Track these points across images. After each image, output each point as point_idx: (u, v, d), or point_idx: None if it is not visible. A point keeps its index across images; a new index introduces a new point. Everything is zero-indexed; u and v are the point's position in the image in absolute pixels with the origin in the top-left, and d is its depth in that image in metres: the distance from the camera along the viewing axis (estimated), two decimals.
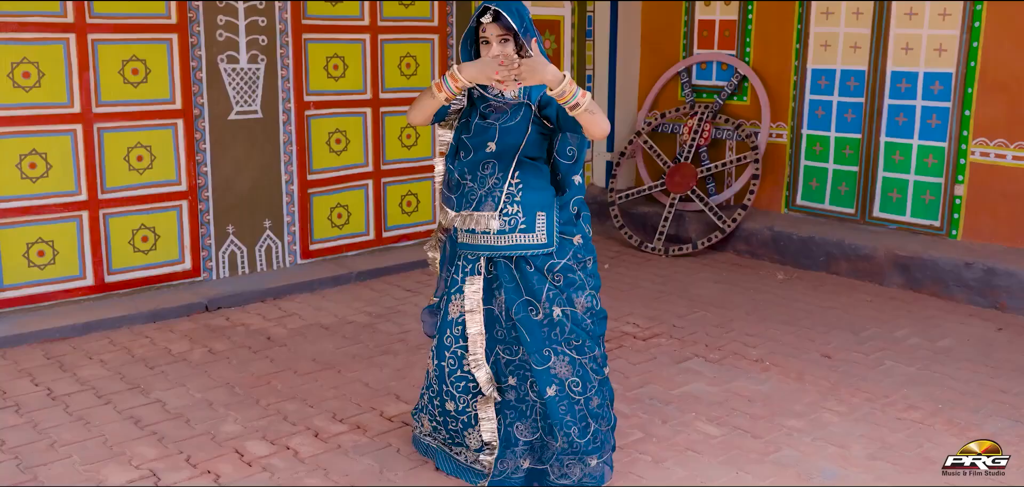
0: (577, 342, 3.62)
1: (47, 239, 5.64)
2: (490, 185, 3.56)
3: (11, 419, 4.41)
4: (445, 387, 3.77)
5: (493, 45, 3.43)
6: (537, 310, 3.57)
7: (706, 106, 7.91)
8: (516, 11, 3.42)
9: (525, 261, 3.57)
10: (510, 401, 3.74)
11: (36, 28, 5.43)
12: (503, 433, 3.75)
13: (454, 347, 3.72)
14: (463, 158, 3.63)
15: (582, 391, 3.65)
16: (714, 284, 6.74)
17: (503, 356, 3.70)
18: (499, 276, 3.61)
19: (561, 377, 3.61)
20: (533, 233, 3.55)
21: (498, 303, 3.66)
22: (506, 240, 3.56)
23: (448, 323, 3.73)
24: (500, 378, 3.73)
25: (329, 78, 6.63)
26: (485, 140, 3.55)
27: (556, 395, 3.61)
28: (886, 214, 7.19)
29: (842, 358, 5.30)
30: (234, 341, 5.46)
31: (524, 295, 3.57)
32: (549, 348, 3.59)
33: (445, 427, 3.87)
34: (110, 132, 5.77)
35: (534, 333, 3.58)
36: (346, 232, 6.93)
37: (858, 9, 7.17)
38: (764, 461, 4.08)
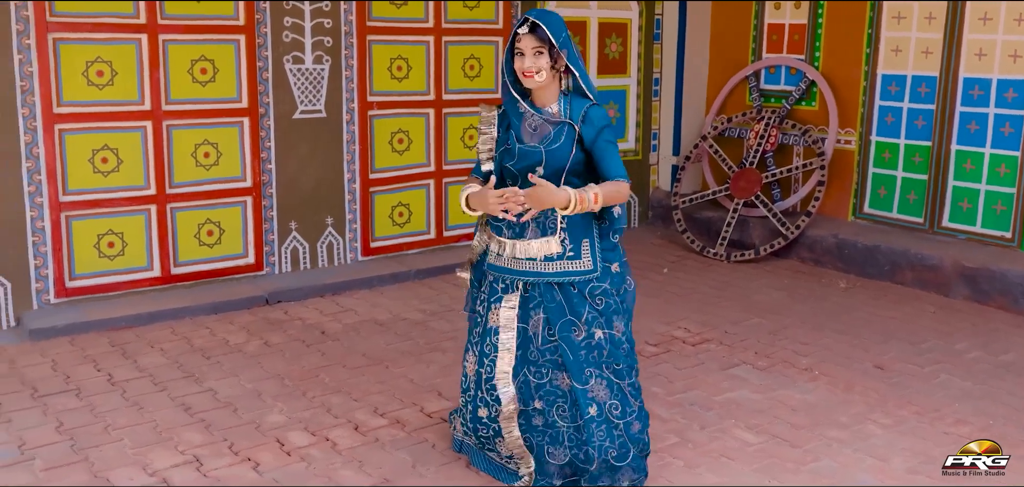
0: (617, 366, 3.67)
1: (117, 231, 5.88)
2: (545, 214, 3.61)
3: (71, 402, 4.62)
4: (481, 393, 3.83)
5: (527, 57, 3.50)
6: (578, 330, 3.61)
7: (774, 111, 7.81)
8: (555, 25, 3.49)
9: (570, 283, 3.62)
10: (537, 426, 3.77)
11: (110, 28, 5.67)
12: (536, 454, 3.78)
13: (492, 355, 3.77)
14: (511, 185, 3.67)
15: (622, 415, 3.68)
16: (773, 291, 6.66)
17: (532, 379, 3.73)
18: (541, 297, 3.65)
19: (600, 399, 3.64)
20: (580, 260, 3.63)
21: (533, 323, 3.69)
22: (554, 267, 3.62)
23: (488, 331, 3.78)
24: (526, 401, 3.76)
25: (392, 79, 6.76)
26: (532, 165, 3.59)
27: (596, 416, 3.64)
28: (956, 224, 6.99)
29: (896, 369, 5.18)
30: (289, 334, 5.62)
31: (568, 315, 3.62)
32: (591, 369, 3.63)
33: (475, 434, 3.93)
34: (178, 129, 6.00)
35: (576, 353, 3.62)
36: (406, 230, 7.06)
37: (930, 13, 6.99)
38: (800, 471, 4.03)
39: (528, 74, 3.49)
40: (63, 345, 5.37)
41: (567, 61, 3.53)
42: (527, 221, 3.63)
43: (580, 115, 3.58)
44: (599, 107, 3.61)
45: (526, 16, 3.52)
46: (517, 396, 3.74)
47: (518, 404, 3.74)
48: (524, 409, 3.76)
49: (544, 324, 3.66)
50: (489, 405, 3.82)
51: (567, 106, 3.62)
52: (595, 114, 3.59)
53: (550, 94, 3.62)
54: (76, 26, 5.56)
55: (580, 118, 3.57)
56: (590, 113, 3.58)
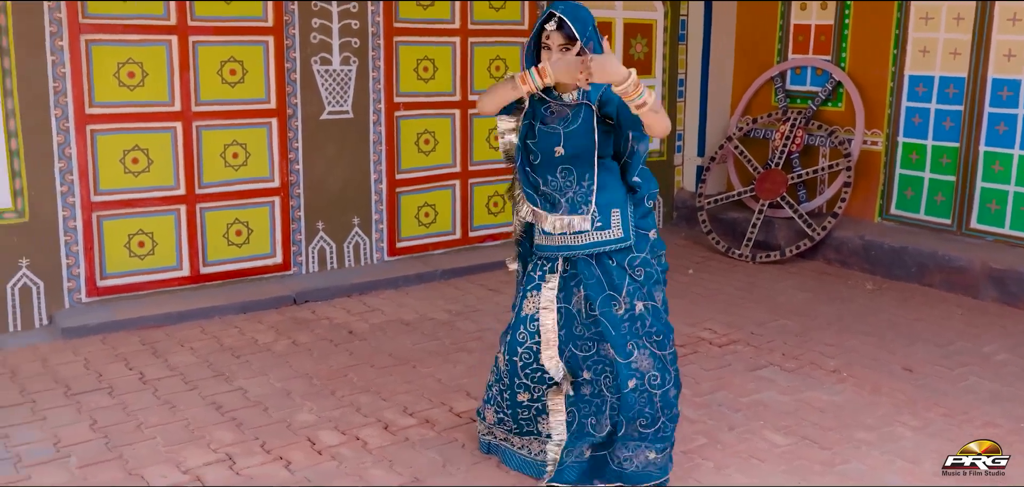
0: (658, 337, 3.69)
1: (147, 231, 5.94)
2: (571, 188, 3.64)
3: (104, 400, 4.68)
4: (517, 379, 3.85)
5: (554, 52, 3.50)
6: (619, 304, 3.63)
7: (799, 112, 7.79)
8: (580, 19, 3.48)
9: (607, 256, 3.64)
10: (585, 395, 3.79)
11: (141, 30, 5.73)
12: (576, 425, 3.80)
13: (528, 343, 3.78)
14: (534, 162, 3.71)
15: (660, 383, 3.69)
16: (799, 292, 6.65)
17: (579, 353, 3.76)
18: (580, 273, 3.68)
19: (643, 370, 3.66)
20: (609, 229, 3.63)
21: (576, 300, 3.72)
22: (583, 239, 3.64)
23: (522, 319, 3.80)
24: (576, 372, 3.79)
25: (419, 80, 6.79)
26: (552, 145, 3.62)
27: (635, 389, 3.66)
28: (984, 225, 6.96)
29: (924, 371, 5.17)
30: (317, 334, 5.66)
31: (607, 290, 3.64)
32: (632, 342, 3.65)
33: (514, 418, 3.93)
34: (208, 130, 6.05)
35: (618, 327, 3.63)
36: (432, 231, 7.09)
37: (959, 14, 6.96)
38: (829, 473, 4.03)
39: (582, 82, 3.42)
40: (95, 343, 5.43)
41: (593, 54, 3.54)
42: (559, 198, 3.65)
43: (598, 94, 3.58)
44: None
45: (552, 10, 3.49)
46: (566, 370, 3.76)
47: (570, 377, 3.77)
48: (574, 380, 3.78)
49: (585, 300, 3.69)
50: (530, 389, 3.84)
51: (583, 92, 3.62)
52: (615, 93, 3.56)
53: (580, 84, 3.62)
54: (108, 27, 5.62)
55: (597, 99, 3.58)
56: (608, 91, 3.54)
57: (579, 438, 3.80)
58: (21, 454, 4.11)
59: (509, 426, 3.99)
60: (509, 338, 3.86)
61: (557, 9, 3.48)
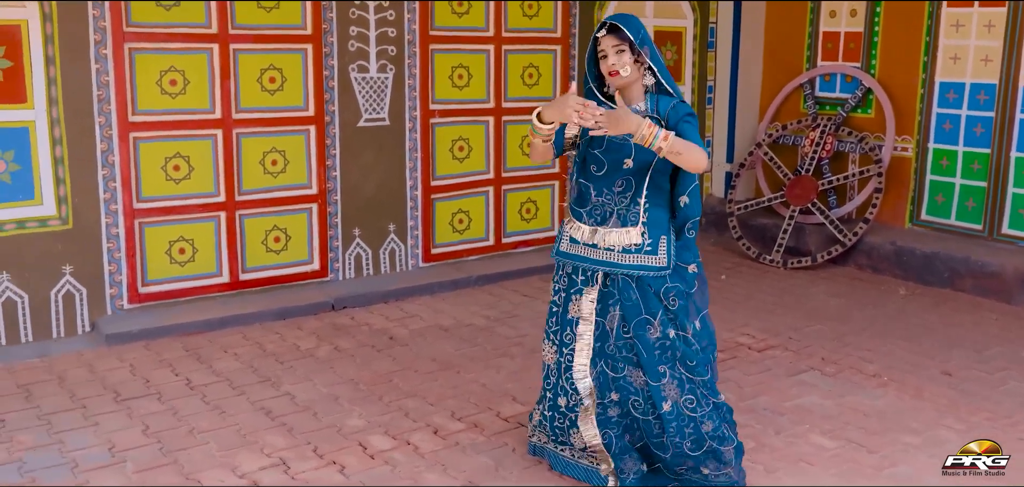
0: (691, 363, 3.71)
1: (188, 238, 6.00)
2: (624, 202, 3.67)
3: (154, 406, 4.72)
4: (561, 381, 3.90)
5: (610, 56, 3.57)
6: (653, 329, 3.66)
7: (829, 118, 7.83)
8: (632, 25, 3.56)
9: (646, 281, 3.67)
10: (612, 418, 3.83)
11: (183, 38, 5.79)
12: (616, 445, 3.83)
13: (573, 344, 3.83)
14: (596, 172, 3.72)
15: (696, 407, 3.73)
16: (832, 298, 6.68)
17: (609, 373, 3.79)
18: (619, 292, 3.71)
19: (681, 392, 3.71)
20: (656, 255, 3.67)
21: (610, 318, 3.75)
22: (631, 259, 3.67)
23: (568, 321, 3.84)
24: (603, 393, 3.83)
25: (454, 87, 6.85)
26: (622, 156, 3.64)
27: (671, 411, 3.70)
28: (1016, 231, 6.99)
29: (963, 376, 5.20)
30: (358, 340, 5.70)
31: (644, 313, 3.67)
32: (665, 366, 3.69)
33: (551, 423, 3.98)
34: (247, 137, 6.11)
35: (650, 351, 3.67)
36: (466, 237, 7.14)
37: (990, 21, 6.99)
38: (879, 476, 4.06)
39: (613, 73, 3.55)
40: (139, 350, 5.49)
41: (648, 59, 3.59)
42: (610, 212, 3.69)
43: (668, 108, 3.64)
44: (683, 103, 3.67)
45: (604, 20, 3.59)
46: (595, 388, 3.80)
47: (595, 397, 3.81)
48: (601, 401, 3.82)
49: (620, 320, 3.72)
50: (568, 394, 3.88)
51: (654, 104, 3.67)
52: (681, 106, 3.65)
53: (636, 92, 3.67)
54: (151, 36, 5.68)
55: (668, 110, 3.63)
56: (677, 105, 3.64)
57: (624, 453, 3.84)
58: (78, 459, 4.16)
59: (548, 430, 4.03)
60: (559, 337, 3.90)
61: (608, 17, 3.59)
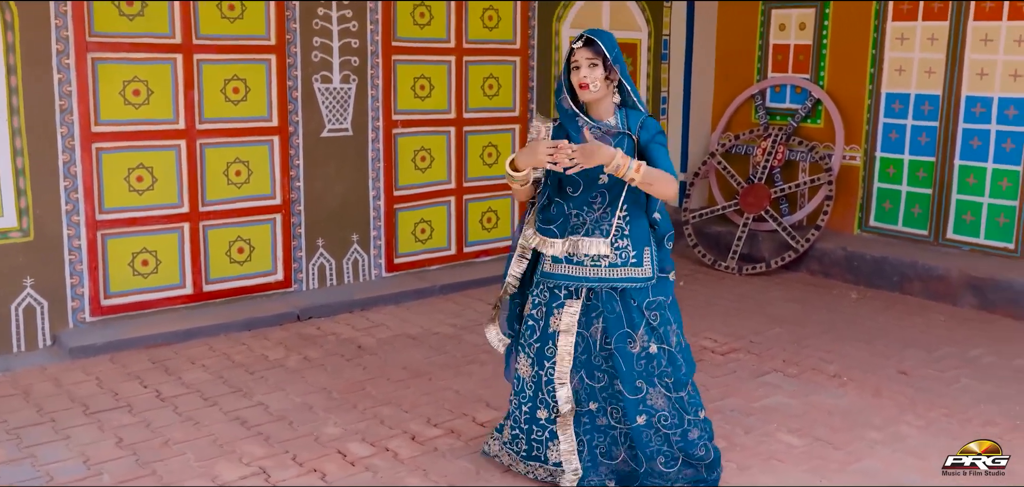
0: (670, 379, 3.79)
1: (151, 249, 5.95)
2: (598, 215, 3.75)
3: (125, 418, 4.68)
4: (541, 394, 3.93)
5: (582, 68, 3.66)
6: (635, 343, 3.75)
7: (780, 128, 8.04)
8: (609, 42, 3.67)
9: (630, 295, 3.75)
10: (586, 425, 3.91)
11: (147, 48, 5.75)
12: (587, 453, 3.91)
13: (554, 357, 3.87)
14: (573, 193, 3.79)
15: (677, 425, 3.80)
16: (788, 302, 6.86)
17: (588, 382, 3.87)
18: (602, 305, 3.78)
19: (657, 408, 3.78)
20: (641, 267, 3.75)
21: (594, 330, 3.82)
22: (617, 273, 3.74)
23: (550, 335, 3.87)
24: (581, 402, 3.90)
25: (416, 98, 6.90)
26: (597, 171, 3.69)
27: (644, 425, 3.79)
28: (960, 236, 7.26)
29: (918, 375, 5.39)
30: (327, 349, 5.71)
31: (625, 327, 3.75)
32: (643, 380, 3.77)
33: (528, 436, 3.99)
34: (211, 147, 6.08)
35: (629, 364, 3.75)
36: (429, 247, 7.18)
37: (933, 35, 7.26)
38: (847, 470, 4.20)
39: (584, 85, 3.64)
40: (104, 363, 5.42)
41: (620, 76, 3.69)
42: (582, 224, 3.76)
43: (638, 125, 3.73)
44: (653, 119, 3.77)
45: (582, 33, 3.68)
46: (573, 397, 3.86)
47: (573, 405, 3.87)
48: (579, 410, 3.89)
49: (602, 333, 3.80)
50: (549, 407, 3.92)
51: (624, 119, 3.77)
52: (651, 123, 3.75)
53: (606, 107, 3.76)
54: (114, 46, 5.64)
55: (638, 127, 3.73)
56: (646, 122, 3.74)
57: (594, 466, 3.92)
58: (52, 472, 4.11)
59: (520, 448, 4.02)
60: (534, 349, 3.91)
61: (586, 32, 3.68)
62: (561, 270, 3.82)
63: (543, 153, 3.56)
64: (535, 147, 3.58)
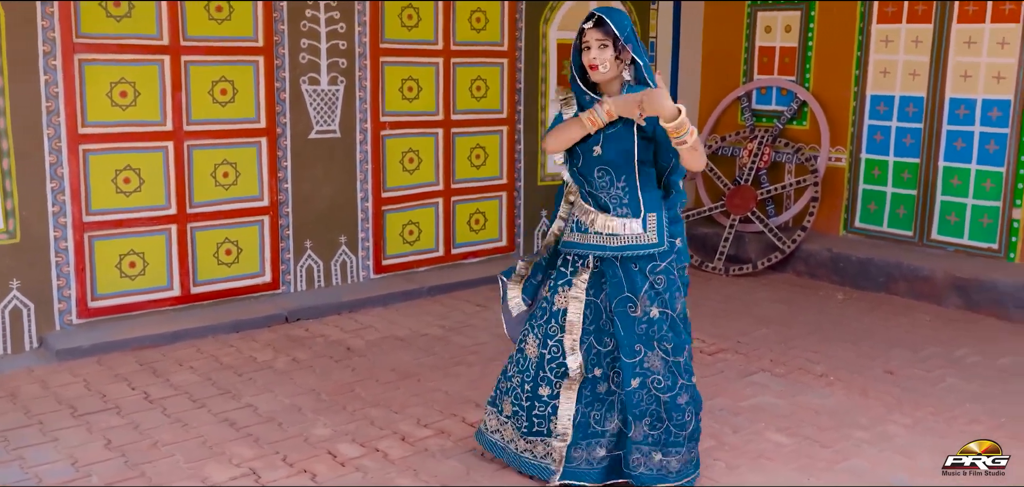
0: (669, 344, 3.80)
1: (138, 251, 5.93)
2: (613, 192, 3.78)
3: (113, 420, 4.67)
4: (542, 373, 3.95)
5: (593, 48, 3.65)
6: (636, 307, 3.76)
7: (766, 130, 8.09)
8: (618, 21, 3.65)
9: (631, 261, 3.78)
10: (592, 392, 3.91)
11: (134, 50, 5.74)
12: (580, 421, 3.92)
13: (559, 336, 3.91)
14: (578, 165, 3.85)
15: (668, 388, 3.82)
16: (775, 303, 6.90)
17: (595, 346, 3.89)
18: (605, 272, 3.82)
19: (651, 369, 3.79)
20: (645, 233, 3.77)
21: (603, 296, 3.86)
22: (620, 241, 3.77)
23: (553, 314, 3.92)
24: (587, 367, 3.91)
25: (404, 99, 6.90)
26: (591, 144, 3.76)
27: (637, 388, 3.81)
28: (944, 237, 7.32)
29: (904, 375, 5.43)
30: (315, 351, 5.70)
31: (626, 291, 3.78)
32: (641, 345, 3.78)
33: (529, 413, 4.00)
34: (199, 149, 6.07)
35: (628, 328, 3.77)
36: (416, 248, 7.18)
37: (917, 37, 7.32)
38: (834, 469, 4.24)
39: (593, 66, 3.64)
40: (91, 365, 5.40)
41: (632, 54, 3.68)
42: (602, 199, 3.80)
43: None
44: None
45: (592, 12, 3.67)
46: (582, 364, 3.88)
47: (583, 372, 3.89)
48: (586, 377, 3.90)
49: (607, 298, 3.84)
50: (552, 383, 3.94)
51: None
52: None
53: (615, 87, 3.75)
54: (101, 47, 5.62)
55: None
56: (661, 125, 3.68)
57: (584, 435, 3.92)
58: (41, 474, 4.10)
59: (521, 424, 4.04)
60: (541, 330, 3.96)
61: (596, 10, 3.67)
62: (575, 238, 3.89)
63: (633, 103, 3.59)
64: (629, 99, 3.61)
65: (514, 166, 7.62)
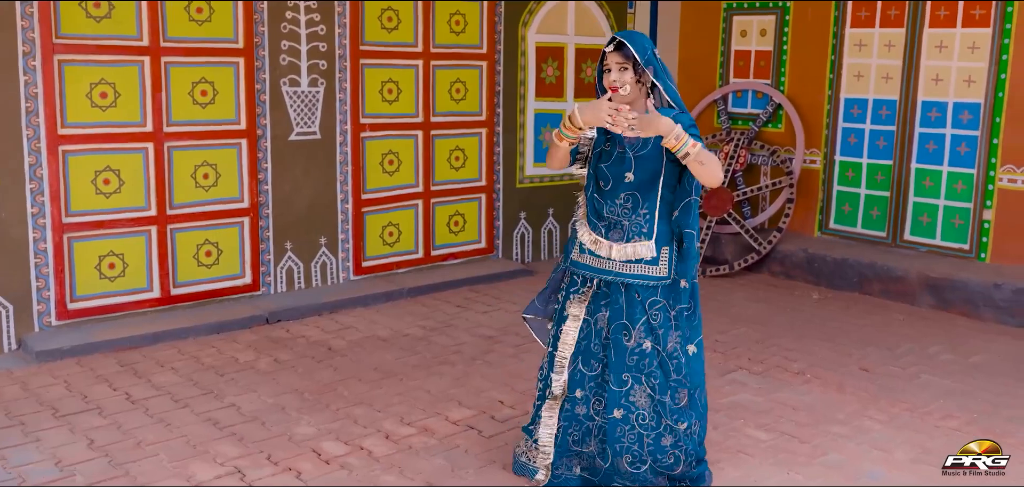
0: (656, 381, 3.81)
1: (118, 252, 5.92)
2: (634, 219, 3.78)
3: (96, 421, 4.66)
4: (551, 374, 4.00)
5: (613, 71, 3.68)
6: (630, 337, 3.80)
7: (742, 133, 8.18)
8: (640, 44, 3.66)
9: (634, 290, 3.80)
10: (566, 411, 3.95)
11: (114, 51, 5.73)
12: (561, 438, 3.97)
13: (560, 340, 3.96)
14: (604, 188, 3.84)
15: (653, 426, 3.84)
16: (752, 303, 6.98)
17: (584, 370, 3.92)
18: (610, 295, 3.84)
19: (637, 406, 3.82)
20: (657, 266, 3.79)
21: (600, 318, 3.87)
22: (631, 268, 3.79)
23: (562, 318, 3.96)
24: (571, 387, 3.95)
25: (384, 101, 6.93)
26: (623, 170, 3.76)
27: (620, 419, 3.83)
28: (917, 237, 7.44)
29: (880, 372, 5.52)
30: (297, 351, 5.71)
31: (623, 319, 3.81)
32: (629, 374, 3.81)
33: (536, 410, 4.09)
34: (179, 150, 6.07)
35: (620, 355, 3.81)
36: (396, 250, 7.21)
37: (890, 41, 7.44)
38: (812, 463, 4.31)
39: (613, 88, 3.64)
40: (71, 366, 5.38)
41: (653, 77, 3.69)
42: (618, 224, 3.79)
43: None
44: (686, 115, 3.71)
45: (614, 36, 3.70)
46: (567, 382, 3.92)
47: (566, 390, 3.93)
48: (570, 396, 3.94)
49: (606, 322, 3.86)
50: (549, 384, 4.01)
51: None
52: (683, 118, 3.69)
53: (638, 108, 3.71)
54: (81, 47, 5.61)
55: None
56: (679, 117, 3.67)
57: (564, 452, 3.97)
58: (24, 474, 4.09)
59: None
60: (553, 334, 4.01)
61: (617, 34, 3.69)
62: (585, 260, 3.90)
63: (605, 111, 3.56)
64: (599, 105, 3.59)
65: (493, 168, 7.67)
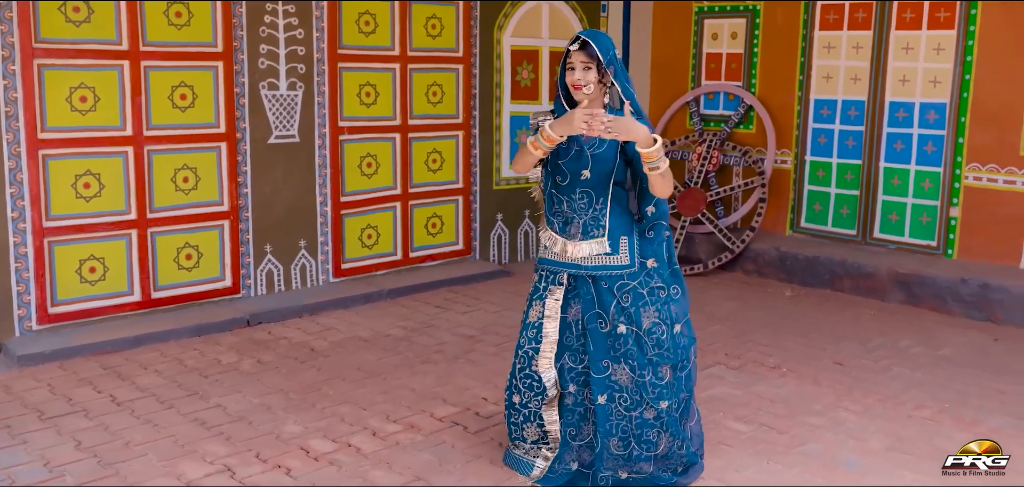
0: (634, 360, 3.90)
1: (98, 256, 5.92)
2: (590, 214, 3.88)
3: (82, 422, 4.67)
4: (515, 380, 4.09)
5: (577, 70, 3.74)
6: (605, 323, 3.89)
7: (714, 134, 8.31)
8: (603, 44, 3.74)
9: (601, 278, 3.90)
10: (567, 405, 4.04)
11: (93, 55, 5.74)
12: (562, 436, 4.06)
13: (527, 347, 4.03)
14: (561, 183, 3.93)
15: (635, 405, 3.92)
16: (726, 301, 7.10)
17: (568, 363, 4.00)
18: (578, 289, 3.94)
19: (620, 384, 3.91)
20: (617, 255, 3.89)
21: (573, 312, 3.97)
22: (593, 261, 3.89)
23: (526, 325, 4.04)
24: (563, 384, 4.04)
25: (362, 105, 6.98)
26: (580, 167, 3.85)
27: (605, 404, 3.92)
28: (886, 235, 7.60)
29: (853, 365, 5.65)
30: (279, 353, 5.75)
31: (596, 308, 3.90)
32: (608, 360, 3.91)
33: (508, 420, 4.18)
34: (159, 154, 6.08)
35: (598, 344, 3.90)
36: (375, 252, 7.25)
37: (858, 43, 7.60)
38: (791, 453, 4.42)
39: (577, 87, 3.72)
40: (53, 370, 5.38)
41: (613, 78, 3.78)
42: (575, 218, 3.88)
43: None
44: (643, 117, 3.83)
45: (578, 35, 3.77)
46: (557, 380, 4.00)
47: (558, 388, 4.01)
48: (562, 392, 4.03)
49: (579, 315, 3.95)
50: (521, 392, 4.07)
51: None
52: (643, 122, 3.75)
53: (596, 107, 3.79)
54: (60, 52, 5.62)
55: None
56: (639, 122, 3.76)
57: (564, 447, 4.06)
58: (14, 475, 4.10)
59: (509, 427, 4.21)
60: (518, 341, 4.10)
61: (582, 33, 3.76)
62: (549, 256, 3.99)
63: (579, 119, 3.59)
64: (571, 115, 3.63)
65: (470, 170, 7.74)
